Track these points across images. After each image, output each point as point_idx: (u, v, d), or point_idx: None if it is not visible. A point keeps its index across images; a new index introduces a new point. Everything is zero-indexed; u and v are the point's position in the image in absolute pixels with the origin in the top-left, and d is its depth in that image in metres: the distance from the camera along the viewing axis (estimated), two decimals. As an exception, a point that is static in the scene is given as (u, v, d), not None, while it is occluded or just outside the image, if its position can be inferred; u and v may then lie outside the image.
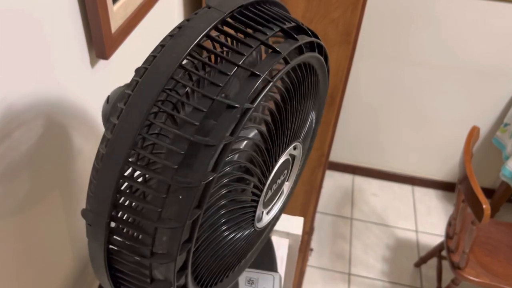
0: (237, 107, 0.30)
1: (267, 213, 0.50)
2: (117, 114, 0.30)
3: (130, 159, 0.30)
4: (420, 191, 2.42)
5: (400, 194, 2.40)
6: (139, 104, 0.29)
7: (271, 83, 0.32)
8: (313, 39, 0.39)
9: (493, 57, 1.89)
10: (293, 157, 0.49)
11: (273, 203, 0.50)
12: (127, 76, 0.73)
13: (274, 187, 0.46)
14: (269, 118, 0.39)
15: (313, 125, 0.52)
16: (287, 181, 0.51)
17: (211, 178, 0.29)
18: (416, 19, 1.85)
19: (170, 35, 0.32)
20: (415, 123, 2.20)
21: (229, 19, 0.33)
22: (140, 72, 0.31)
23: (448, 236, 1.68)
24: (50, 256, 0.60)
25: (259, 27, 0.34)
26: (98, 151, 0.31)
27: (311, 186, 1.26)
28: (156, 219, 0.30)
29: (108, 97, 0.45)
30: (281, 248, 0.82)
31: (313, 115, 0.50)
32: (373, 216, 2.28)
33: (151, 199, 0.31)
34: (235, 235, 0.43)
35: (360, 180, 2.46)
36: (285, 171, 0.47)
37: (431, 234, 2.21)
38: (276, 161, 0.42)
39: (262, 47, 0.37)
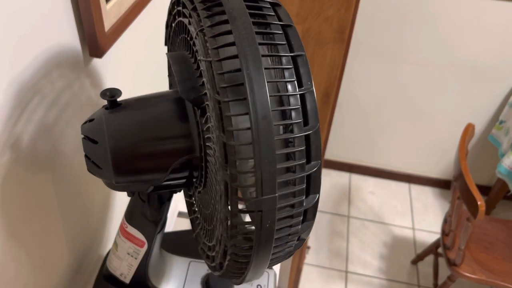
0: (312, 90, 0.35)
1: None
2: (228, 123, 0.34)
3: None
4: (416, 188, 2.43)
5: (397, 192, 2.41)
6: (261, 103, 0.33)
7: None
8: None
9: (488, 54, 1.90)
10: None
11: None
12: (121, 75, 0.73)
13: None
14: None
15: None
16: None
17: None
18: (412, 17, 1.86)
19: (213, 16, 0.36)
20: (411, 121, 2.21)
21: None
22: (225, 66, 0.34)
23: (444, 233, 1.68)
24: (44, 253, 0.60)
25: None
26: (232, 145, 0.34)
27: (307, 184, 1.27)
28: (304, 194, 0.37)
29: (93, 119, 0.45)
30: (276, 245, 0.82)
31: None
32: (370, 214, 2.29)
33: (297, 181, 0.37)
34: None
35: (357, 178, 2.47)
36: None
37: (427, 231, 2.22)
38: None
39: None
